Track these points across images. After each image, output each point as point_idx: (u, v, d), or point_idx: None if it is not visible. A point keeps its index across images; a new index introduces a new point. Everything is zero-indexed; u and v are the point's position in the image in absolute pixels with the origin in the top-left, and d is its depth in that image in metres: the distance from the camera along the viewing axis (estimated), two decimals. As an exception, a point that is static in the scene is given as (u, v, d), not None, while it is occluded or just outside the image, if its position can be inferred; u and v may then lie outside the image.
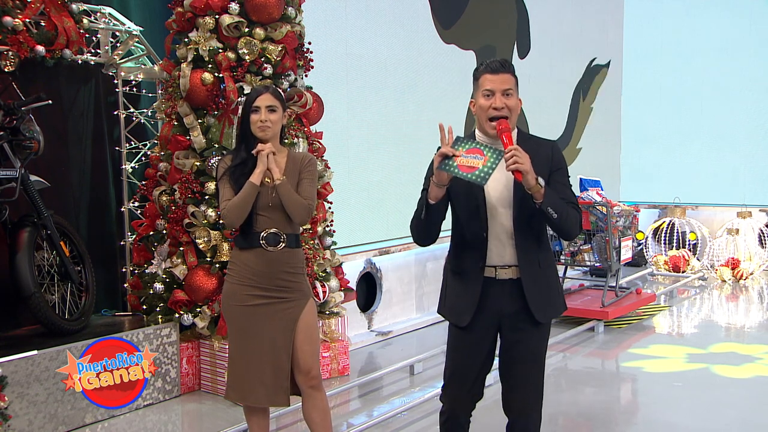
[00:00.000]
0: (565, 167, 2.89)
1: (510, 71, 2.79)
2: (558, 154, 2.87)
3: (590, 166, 9.41)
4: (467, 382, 2.92)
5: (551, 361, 5.65)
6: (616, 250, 6.78)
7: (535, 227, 2.81)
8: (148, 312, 4.94)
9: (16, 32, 4.42)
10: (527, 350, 2.85)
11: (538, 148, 2.81)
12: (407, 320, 6.62)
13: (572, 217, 2.76)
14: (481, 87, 2.78)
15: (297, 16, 5.10)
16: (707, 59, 10.18)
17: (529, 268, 2.79)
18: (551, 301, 2.86)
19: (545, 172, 2.76)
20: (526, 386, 2.88)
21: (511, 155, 2.59)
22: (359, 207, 6.47)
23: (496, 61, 2.80)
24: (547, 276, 2.86)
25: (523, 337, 2.84)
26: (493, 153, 2.61)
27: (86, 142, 5.25)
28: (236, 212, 3.21)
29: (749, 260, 8.93)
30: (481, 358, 2.89)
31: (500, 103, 2.75)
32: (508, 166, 2.59)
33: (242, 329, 3.31)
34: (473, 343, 2.87)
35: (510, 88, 2.77)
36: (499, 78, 2.76)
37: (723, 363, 5.51)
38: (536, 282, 2.80)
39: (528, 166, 2.60)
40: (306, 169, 3.36)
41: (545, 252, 2.88)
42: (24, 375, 4.03)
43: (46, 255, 4.59)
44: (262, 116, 3.25)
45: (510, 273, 2.80)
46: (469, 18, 7.75)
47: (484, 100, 2.77)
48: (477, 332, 2.85)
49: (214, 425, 4.35)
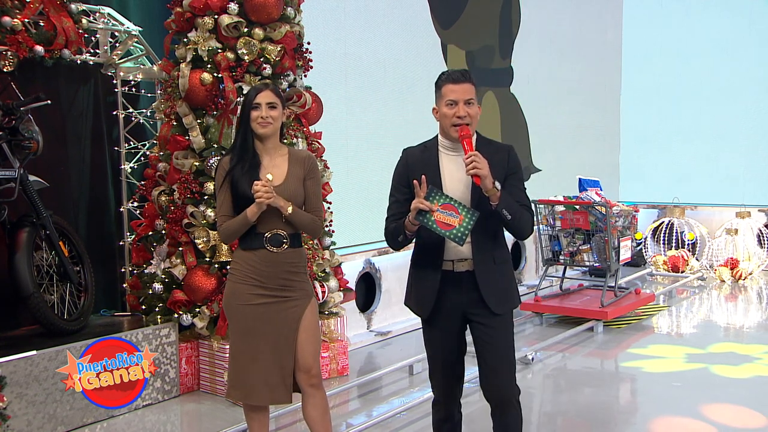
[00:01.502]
0: (521, 171, 3.09)
1: (470, 81, 2.99)
2: (514, 159, 3.07)
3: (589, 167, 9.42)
4: (446, 368, 3.13)
5: (551, 362, 5.66)
6: (615, 250, 6.78)
7: (492, 226, 2.99)
8: (147, 312, 4.94)
9: (15, 32, 4.42)
10: (491, 339, 3.04)
11: (496, 153, 3.01)
12: (406, 320, 6.62)
13: (525, 218, 2.99)
14: (444, 96, 2.98)
15: (296, 16, 5.10)
16: (706, 59, 10.18)
17: (484, 263, 2.99)
18: (506, 294, 3.06)
19: (501, 175, 2.97)
20: (496, 374, 3.06)
21: (470, 161, 2.81)
22: (358, 207, 6.47)
23: (457, 71, 3.01)
24: (502, 271, 3.05)
25: (485, 326, 3.03)
26: (467, 213, 2.85)
27: (85, 142, 5.24)
28: (231, 236, 3.32)
29: (748, 260, 8.94)
30: (450, 345, 3.10)
31: (463, 112, 2.95)
32: (468, 170, 2.82)
33: (245, 328, 3.31)
34: (441, 333, 3.08)
35: (471, 97, 2.97)
36: (461, 88, 2.95)
37: (722, 363, 5.52)
38: (490, 275, 3.00)
39: (486, 171, 2.82)
40: (311, 175, 3.36)
41: (501, 249, 3.07)
42: (23, 375, 4.03)
43: (45, 255, 4.59)
44: (263, 113, 3.25)
45: (466, 265, 3.00)
46: (468, 18, 7.76)
47: (447, 108, 2.98)
48: (441, 322, 3.07)
49: (213, 425, 4.35)
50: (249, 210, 3.19)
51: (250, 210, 3.18)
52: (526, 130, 8.74)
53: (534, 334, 6.54)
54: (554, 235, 6.96)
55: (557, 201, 6.89)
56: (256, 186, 3.14)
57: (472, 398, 4.61)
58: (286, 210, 3.22)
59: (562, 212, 6.87)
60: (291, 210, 3.23)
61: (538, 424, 4.39)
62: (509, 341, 3.09)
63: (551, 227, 6.95)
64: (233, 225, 3.26)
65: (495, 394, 3.07)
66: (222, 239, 3.41)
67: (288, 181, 3.30)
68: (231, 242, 3.30)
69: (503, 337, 3.05)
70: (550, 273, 7.33)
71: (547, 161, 9.14)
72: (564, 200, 6.88)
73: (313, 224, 3.35)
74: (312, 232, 3.40)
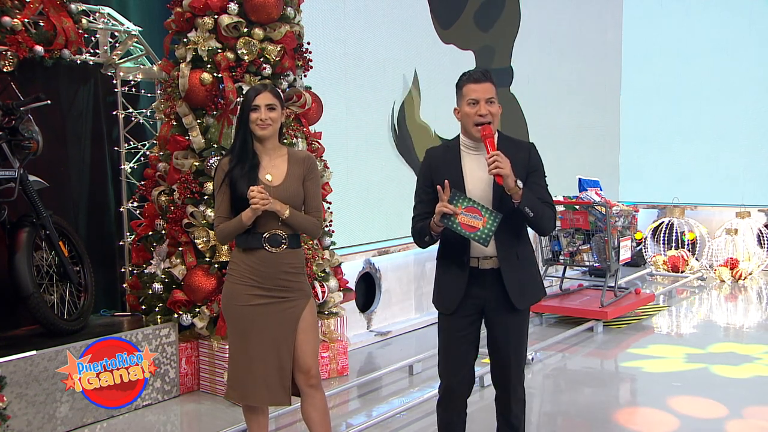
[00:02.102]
0: (542, 168, 3.16)
1: (491, 80, 3.03)
2: (535, 156, 3.13)
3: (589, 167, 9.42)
4: (458, 358, 3.17)
5: (551, 362, 5.66)
6: (615, 250, 6.78)
7: (514, 224, 3.03)
8: (147, 312, 4.94)
9: (14, 32, 4.41)
10: (508, 332, 3.12)
11: (517, 151, 3.06)
12: (406, 320, 6.62)
13: (547, 215, 3.04)
14: (465, 96, 3.03)
15: (296, 16, 5.10)
16: (706, 59, 10.18)
17: (508, 260, 3.05)
18: (529, 289, 3.13)
19: (523, 173, 3.02)
20: (509, 365, 3.15)
21: (492, 160, 2.86)
22: (358, 207, 6.47)
23: (478, 71, 3.06)
24: (525, 267, 3.12)
25: (504, 320, 3.11)
26: (490, 215, 2.92)
27: (85, 142, 5.24)
28: (227, 238, 3.35)
29: (748, 260, 8.94)
30: (466, 337, 3.15)
31: (485, 110, 2.99)
32: (490, 170, 2.87)
33: (244, 329, 3.30)
34: (459, 325, 3.14)
35: (492, 96, 3.02)
36: (482, 87, 3.00)
37: (722, 363, 5.52)
38: (515, 272, 3.06)
39: (508, 170, 2.86)
40: (310, 176, 3.36)
41: (524, 246, 3.13)
42: (23, 375, 4.03)
43: (45, 255, 4.59)
44: (262, 114, 3.24)
45: (491, 263, 3.06)
46: (468, 18, 7.75)
47: (468, 108, 3.02)
48: (462, 316, 3.13)
49: (212, 425, 4.35)
50: (244, 214, 3.19)
51: (245, 214, 3.18)
52: (526, 130, 8.74)
53: (534, 334, 6.53)
54: (554, 235, 6.97)
55: (557, 201, 6.89)
56: (252, 192, 3.13)
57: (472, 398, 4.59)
58: (283, 214, 3.22)
59: (562, 212, 6.88)
60: (288, 214, 3.24)
61: (538, 424, 4.39)
62: (524, 334, 3.19)
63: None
64: (229, 227, 3.27)
65: (504, 378, 3.17)
66: (218, 240, 3.42)
67: (287, 182, 3.29)
68: (227, 243, 3.30)
69: (518, 331, 3.15)
70: (550, 273, 7.33)
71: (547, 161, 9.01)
72: (564, 200, 6.88)
73: (312, 226, 3.36)
74: (310, 233, 3.40)
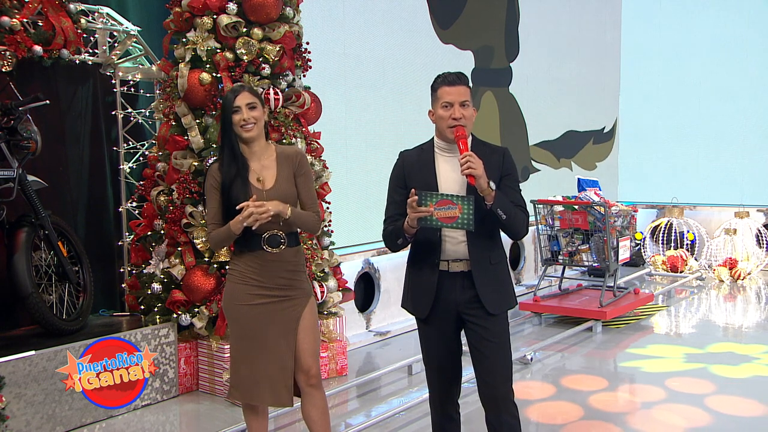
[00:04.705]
0: (515, 173, 3.12)
1: (465, 83, 3.02)
2: (509, 161, 3.10)
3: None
4: (442, 368, 3.15)
5: (550, 361, 5.66)
6: (614, 250, 6.78)
7: (487, 226, 3.00)
8: (146, 312, 4.94)
9: (13, 32, 4.41)
10: (486, 339, 3.04)
11: (491, 155, 3.05)
12: (405, 320, 6.62)
13: (520, 218, 3.01)
14: (440, 99, 3.02)
15: (295, 16, 5.10)
16: (705, 59, 10.19)
17: (480, 263, 3.01)
18: (502, 294, 3.07)
19: (496, 176, 3.01)
20: (490, 374, 3.06)
21: (465, 161, 2.85)
22: (357, 207, 6.47)
23: (452, 74, 3.04)
24: (497, 271, 3.07)
25: (480, 326, 3.04)
26: (463, 201, 2.87)
27: (84, 142, 5.24)
28: (219, 245, 3.38)
29: (747, 260, 8.94)
30: (446, 345, 3.12)
31: (458, 113, 2.99)
32: (463, 170, 2.85)
33: (245, 329, 3.30)
34: (437, 333, 3.11)
35: (466, 99, 3.00)
36: (456, 90, 2.99)
37: (721, 363, 5.52)
38: (486, 275, 3.02)
39: (480, 170, 2.85)
40: (301, 171, 3.34)
41: (497, 249, 3.09)
42: (22, 375, 4.02)
43: (43, 255, 4.58)
44: (245, 115, 3.22)
45: (462, 266, 3.02)
46: (467, 18, 7.75)
47: (443, 110, 3.01)
48: (437, 322, 3.09)
49: (212, 425, 4.35)
50: (232, 223, 3.14)
51: (234, 224, 3.13)
52: (525, 130, 8.74)
53: (533, 334, 6.54)
54: (553, 235, 6.97)
55: (556, 201, 6.90)
56: (247, 211, 3.07)
57: (472, 398, 4.60)
58: (286, 214, 3.21)
59: (561, 212, 6.87)
60: (290, 213, 3.22)
61: (538, 424, 4.39)
62: (504, 342, 3.09)
63: (550, 227, 6.96)
64: (220, 235, 3.25)
65: (489, 394, 3.07)
66: (211, 247, 3.41)
67: (279, 183, 3.28)
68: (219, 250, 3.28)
69: (498, 338, 3.06)
70: (549, 273, 7.33)
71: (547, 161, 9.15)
72: (563, 200, 6.88)
73: (312, 220, 3.35)
74: (312, 228, 3.38)
